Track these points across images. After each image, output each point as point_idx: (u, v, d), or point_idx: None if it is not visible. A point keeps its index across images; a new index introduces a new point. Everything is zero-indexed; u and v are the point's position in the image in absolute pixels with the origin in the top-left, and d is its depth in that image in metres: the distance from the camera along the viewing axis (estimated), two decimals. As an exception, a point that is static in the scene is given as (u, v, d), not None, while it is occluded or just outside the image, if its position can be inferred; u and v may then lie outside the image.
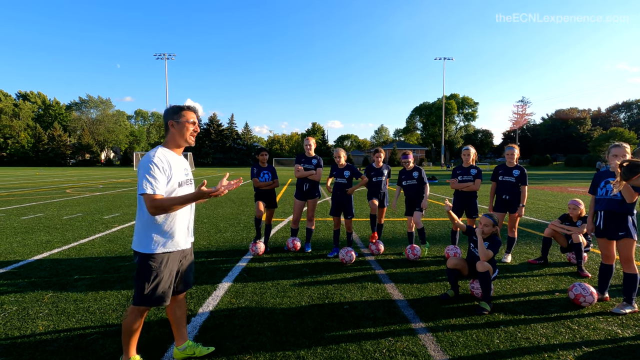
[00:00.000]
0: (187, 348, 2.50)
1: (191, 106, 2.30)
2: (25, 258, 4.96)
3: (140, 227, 2.18)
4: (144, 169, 2.07)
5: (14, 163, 71.05)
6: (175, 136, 2.27)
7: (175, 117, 2.24)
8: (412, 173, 5.45)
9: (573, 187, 19.53)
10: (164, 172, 2.11)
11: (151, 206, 2.02)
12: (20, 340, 2.73)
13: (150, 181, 2.04)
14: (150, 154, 2.12)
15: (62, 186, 18.33)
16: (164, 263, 2.20)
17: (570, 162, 60.27)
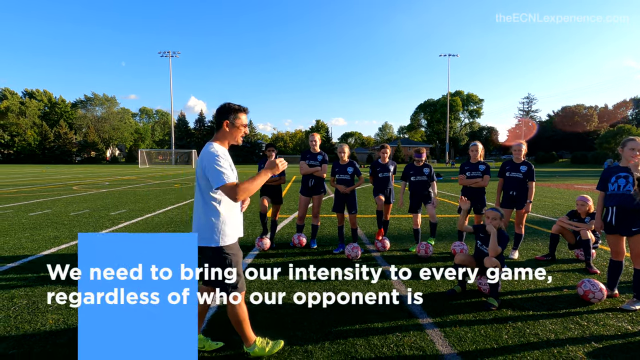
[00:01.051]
0: (257, 348, 2.51)
1: (244, 107, 2.35)
2: (34, 253, 5.01)
3: (207, 223, 2.24)
4: (211, 163, 2.14)
5: (21, 160, 71.76)
6: (227, 135, 2.33)
7: (231, 117, 2.30)
8: (422, 169, 5.41)
9: (579, 184, 19.36)
10: (227, 162, 2.21)
11: (236, 192, 2.11)
12: (31, 333, 2.77)
13: (223, 172, 2.12)
14: (210, 149, 2.21)
15: (68, 183, 18.49)
16: (235, 250, 2.34)
17: (576, 159, 59.74)
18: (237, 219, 2.38)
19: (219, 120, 2.32)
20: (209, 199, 2.24)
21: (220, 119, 2.32)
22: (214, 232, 2.23)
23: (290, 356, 2.49)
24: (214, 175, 2.13)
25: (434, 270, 4.38)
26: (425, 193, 5.39)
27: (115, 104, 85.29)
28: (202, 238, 2.24)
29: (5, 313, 3.11)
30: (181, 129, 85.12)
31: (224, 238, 2.26)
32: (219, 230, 2.24)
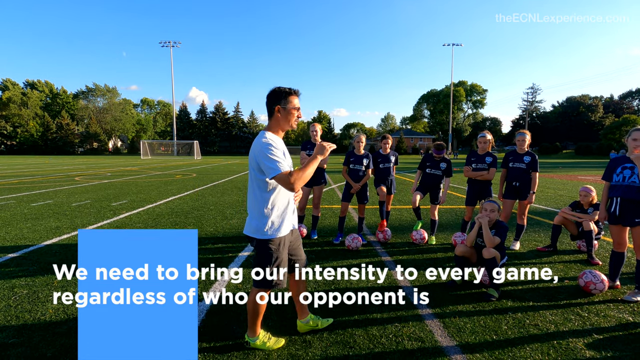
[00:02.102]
0: (310, 321, 2.64)
1: (295, 90, 2.26)
2: (35, 243, 5.03)
3: (255, 214, 2.24)
4: (264, 153, 2.09)
5: (24, 151, 71.98)
6: (281, 121, 2.26)
7: (282, 102, 2.21)
8: (440, 163, 5.22)
9: (583, 175, 19.23)
10: (281, 152, 2.15)
11: (291, 181, 2.05)
12: (31, 323, 2.78)
13: (277, 161, 2.08)
14: (262, 139, 2.15)
15: (71, 174, 18.54)
16: (282, 245, 2.29)
17: (580, 150, 59.29)
18: (289, 211, 2.33)
19: (270, 107, 2.24)
20: (262, 190, 2.21)
21: (271, 106, 2.23)
22: (263, 224, 2.22)
23: (289, 346, 2.49)
24: (267, 165, 2.08)
25: (435, 262, 4.39)
26: (436, 191, 5.28)
27: (116, 95, 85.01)
28: (252, 228, 2.26)
29: (6, 302, 3.12)
30: (183, 120, 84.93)
31: (272, 230, 2.24)
32: (269, 222, 2.22)
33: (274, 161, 2.07)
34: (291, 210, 2.36)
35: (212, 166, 27.91)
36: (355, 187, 5.18)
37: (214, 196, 10.14)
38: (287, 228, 2.31)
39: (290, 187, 2.08)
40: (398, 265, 4.24)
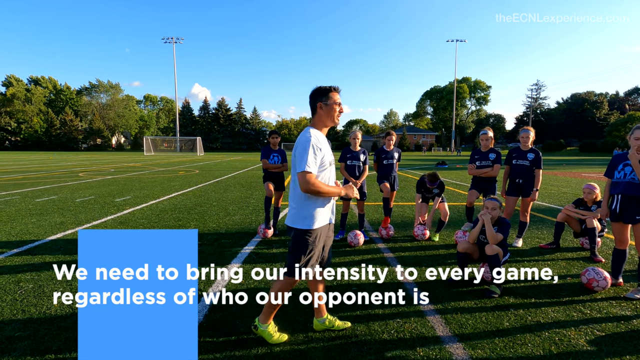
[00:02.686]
0: (327, 321, 2.64)
1: (336, 87, 2.36)
2: (40, 238, 5.07)
3: (296, 204, 2.32)
4: (302, 149, 2.20)
5: (28, 147, 72.40)
6: (323, 117, 2.36)
7: (324, 99, 2.32)
8: (432, 190, 5.33)
9: (587, 172, 19.12)
10: (319, 152, 2.24)
11: (306, 183, 2.16)
12: (37, 317, 2.81)
13: (308, 160, 2.17)
14: (307, 136, 2.24)
15: (74, 170, 18.64)
16: (318, 238, 2.36)
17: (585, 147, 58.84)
18: (327, 205, 2.39)
19: (312, 104, 2.36)
20: (298, 181, 2.27)
21: (314, 103, 2.35)
22: (300, 215, 2.30)
23: (291, 342, 2.50)
24: (299, 160, 2.20)
25: (437, 258, 4.39)
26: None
27: (119, 91, 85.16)
28: (291, 218, 2.35)
29: (12, 296, 3.16)
30: (186, 117, 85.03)
31: (309, 222, 2.30)
32: (305, 214, 2.30)
33: (306, 159, 2.17)
34: (329, 205, 2.42)
35: (215, 162, 27.97)
36: (356, 185, 5.18)
37: (216, 192, 10.17)
38: (324, 221, 2.38)
39: (303, 187, 2.18)
40: (400, 261, 4.25)
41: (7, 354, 2.31)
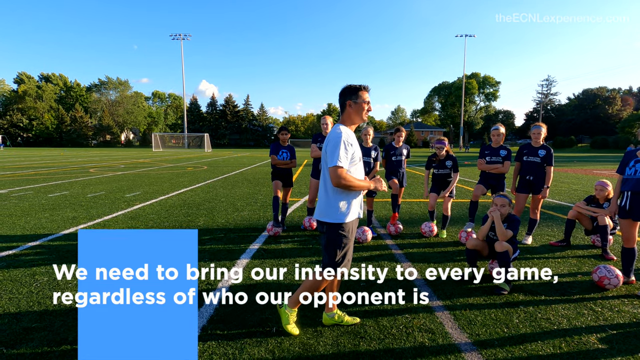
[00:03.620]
0: (336, 316, 2.67)
1: (365, 85, 2.41)
2: (53, 232, 5.18)
3: (327, 199, 2.37)
4: (334, 144, 2.26)
5: (39, 144, 73.59)
6: (352, 115, 2.41)
7: (353, 97, 2.37)
8: (445, 162, 5.21)
9: (599, 169, 18.81)
10: (350, 147, 2.31)
11: (338, 177, 2.22)
12: (52, 309, 2.88)
13: (340, 155, 2.23)
14: (337, 132, 2.31)
15: (85, 166, 18.92)
16: (350, 231, 2.42)
17: (596, 144, 57.78)
18: (355, 199, 2.43)
19: (342, 102, 2.42)
20: (328, 176, 2.33)
21: (343, 101, 2.41)
22: (331, 209, 2.34)
23: (301, 336, 2.53)
24: (331, 154, 2.25)
25: (446, 255, 4.38)
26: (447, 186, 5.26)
27: (128, 88, 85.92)
28: (322, 213, 2.38)
29: (28, 289, 3.24)
30: (193, 113, 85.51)
31: (340, 216, 2.34)
32: (336, 208, 2.34)
33: (337, 154, 2.23)
34: (358, 199, 2.47)
35: (223, 159, 28.14)
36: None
37: (225, 188, 10.24)
38: (354, 214, 2.42)
39: (335, 181, 2.24)
40: (408, 258, 4.25)
41: (25, 344, 2.37)
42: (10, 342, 2.39)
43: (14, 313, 2.80)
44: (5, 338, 2.44)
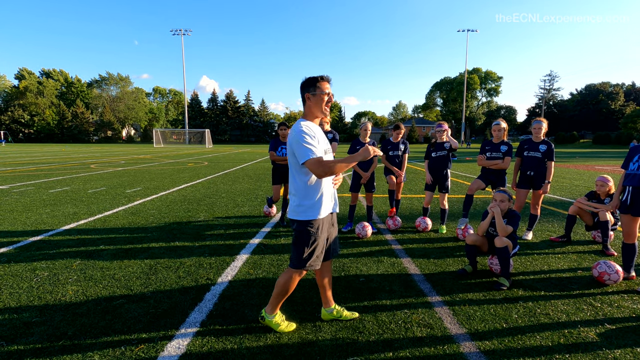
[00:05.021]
0: (335, 311, 2.66)
1: (325, 76, 2.32)
2: (54, 228, 5.19)
3: (297, 197, 2.31)
4: (297, 140, 2.17)
5: (41, 140, 73.70)
6: (312, 108, 2.32)
7: (311, 89, 2.28)
8: (443, 144, 5.19)
9: (601, 165, 18.74)
10: (314, 138, 2.21)
11: (319, 167, 2.12)
12: (52, 303, 2.89)
13: (309, 148, 2.15)
14: (298, 127, 2.22)
15: (86, 162, 18.94)
16: (320, 228, 2.35)
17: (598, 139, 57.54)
18: (327, 195, 2.37)
19: (302, 95, 2.33)
20: (297, 174, 2.29)
21: (302, 93, 2.33)
22: (300, 207, 2.29)
23: (299, 330, 2.53)
24: (299, 151, 2.17)
25: (445, 250, 4.38)
26: (444, 178, 5.23)
27: (129, 84, 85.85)
28: (294, 211, 2.33)
29: (28, 284, 3.25)
30: (194, 109, 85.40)
31: (310, 213, 2.29)
32: (306, 205, 2.28)
33: (305, 148, 2.15)
34: (330, 195, 2.41)
35: (224, 155, 28.13)
36: (365, 177, 5.15)
37: (225, 184, 10.25)
38: (325, 211, 2.36)
39: (317, 173, 2.15)
40: (408, 253, 4.25)
41: (25, 339, 2.38)
42: (11, 337, 2.40)
43: (15, 307, 2.81)
44: (6, 332, 2.45)
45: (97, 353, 2.24)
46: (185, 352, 2.26)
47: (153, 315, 2.71)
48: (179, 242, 4.58)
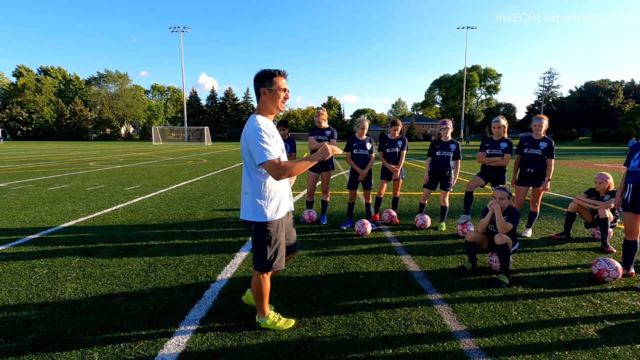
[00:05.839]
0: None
1: (282, 71, 2.22)
2: (53, 225, 5.18)
3: (252, 198, 2.22)
4: (255, 138, 2.07)
5: (39, 137, 73.45)
6: (267, 103, 2.23)
7: (267, 84, 2.18)
8: (449, 145, 5.15)
9: (600, 162, 18.77)
10: (272, 138, 2.13)
11: (276, 170, 2.05)
12: (51, 301, 2.88)
13: (267, 148, 2.05)
14: (254, 123, 2.12)
15: (85, 159, 18.90)
16: (279, 228, 2.31)
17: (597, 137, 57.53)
18: (283, 194, 2.32)
19: (256, 89, 2.22)
20: (253, 174, 2.20)
21: (257, 88, 2.21)
22: (257, 207, 2.22)
23: (299, 327, 2.53)
24: (256, 151, 2.06)
25: (445, 248, 4.38)
26: (446, 176, 5.20)
27: (127, 81, 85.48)
28: (246, 212, 2.25)
29: (27, 281, 3.25)
30: (193, 106, 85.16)
31: (268, 214, 2.23)
32: (263, 205, 2.22)
33: (262, 148, 2.05)
34: (287, 193, 2.38)
35: (223, 152, 28.08)
36: (362, 174, 5.14)
37: (224, 181, 10.23)
38: (283, 210, 2.33)
39: (274, 176, 2.07)
40: (408, 250, 4.25)
41: (24, 336, 2.37)
42: (10, 334, 2.39)
43: (14, 305, 2.80)
44: (5, 330, 2.44)
45: (96, 350, 2.24)
46: (185, 349, 2.26)
47: (152, 312, 2.71)
48: (178, 239, 4.58)
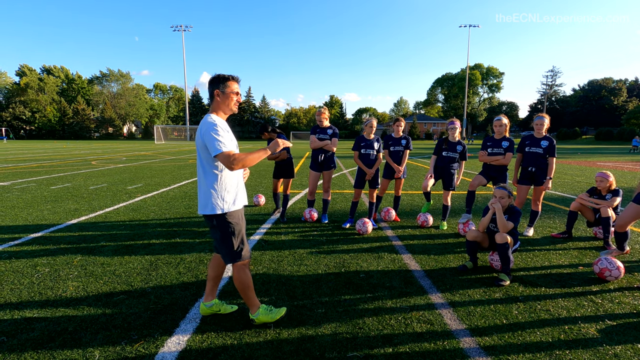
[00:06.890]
0: (214, 305, 2.65)
1: (235, 76, 2.38)
2: (55, 224, 5.20)
3: (209, 192, 2.30)
4: (209, 132, 2.20)
5: (42, 136, 73.75)
6: (220, 105, 2.37)
7: (221, 86, 2.33)
8: (456, 146, 5.11)
9: (602, 161, 18.67)
10: (226, 133, 2.27)
11: (231, 161, 2.15)
12: (53, 299, 2.90)
13: (221, 141, 2.18)
14: (209, 120, 2.25)
15: (87, 158, 18.96)
16: (240, 217, 2.42)
17: (600, 135, 57.25)
18: (239, 187, 2.43)
19: (210, 91, 2.38)
20: (210, 168, 2.30)
21: (212, 90, 2.37)
22: (216, 201, 2.29)
23: (299, 326, 2.54)
24: (211, 144, 2.18)
25: (446, 247, 4.38)
26: (449, 176, 5.17)
27: (129, 80, 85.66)
28: (206, 207, 2.31)
29: (29, 280, 3.26)
30: (195, 105, 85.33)
31: (227, 206, 2.31)
32: (221, 198, 2.30)
33: (217, 140, 2.17)
34: (242, 187, 2.47)
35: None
36: (370, 173, 5.12)
37: (226, 180, 10.23)
38: (240, 203, 2.42)
39: (229, 166, 2.17)
40: (409, 250, 4.24)
41: (26, 334, 2.39)
42: (12, 332, 2.41)
43: (16, 303, 2.82)
44: (7, 328, 2.46)
45: (97, 348, 2.25)
46: (185, 347, 2.27)
47: (153, 311, 2.72)
48: (179, 238, 4.59)
